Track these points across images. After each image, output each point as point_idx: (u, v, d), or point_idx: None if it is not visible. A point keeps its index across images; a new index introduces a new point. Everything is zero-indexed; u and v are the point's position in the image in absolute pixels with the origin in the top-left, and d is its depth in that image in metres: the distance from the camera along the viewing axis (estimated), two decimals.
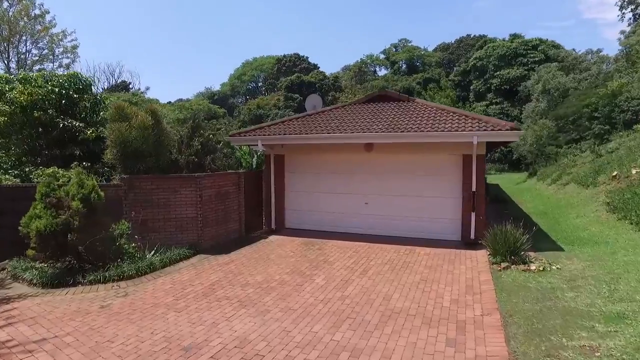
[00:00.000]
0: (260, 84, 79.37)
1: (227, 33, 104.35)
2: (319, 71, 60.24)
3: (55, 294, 6.70)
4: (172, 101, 59.58)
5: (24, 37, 36.30)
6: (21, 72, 11.73)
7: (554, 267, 7.25)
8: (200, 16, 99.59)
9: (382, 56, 73.77)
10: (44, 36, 36.66)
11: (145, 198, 8.95)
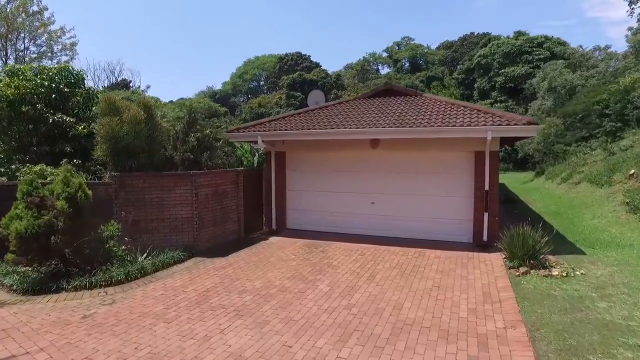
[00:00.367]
0: (262, 82, 78.89)
1: (228, 32, 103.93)
2: (321, 69, 59.63)
3: (36, 302, 6.16)
4: (173, 100, 59.09)
5: (22, 34, 35.86)
6: (9, 65, 11.13)
7: (578, 273, 6.67)
8: (201, 15, 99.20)
9: (384, 54, 73.12)
10: (42, 33, 36.20)
11: (138, 197, 8.41)
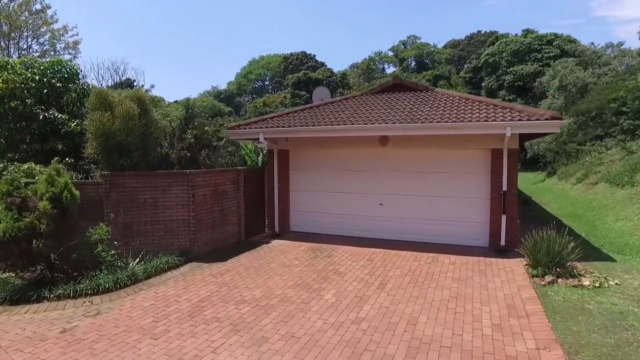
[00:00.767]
0: (267, 82, 78.44)
1: (233, 31, 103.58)
2: (327, 68, 59.08)
3: (12, 313, 5.61)
4: (178, 100, 58.75)
5: (25, 32, 35.58)
6: (4, 58, 10.64)
7: (612, 283, 6.02)
8: (206, 15, 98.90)
9: (390, 53, 72.49)
10: (45, 32, 35.93)
11: (130, 198, 7.85)
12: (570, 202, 14.98)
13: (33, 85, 9.97)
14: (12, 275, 6.84)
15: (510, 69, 46.09)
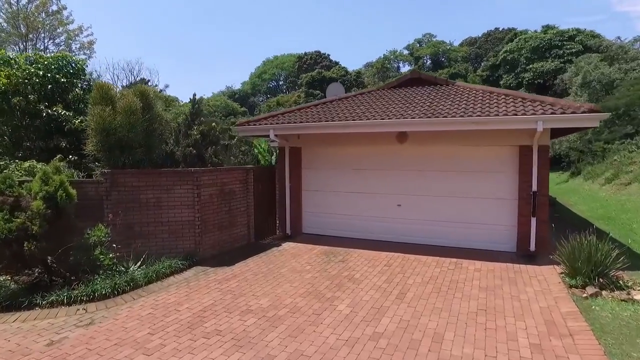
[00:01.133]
0: (281, 82, 78.23)
1: (248, 32, 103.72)
2: (341, 67, 58.45)
3: (0, 321, 5.18)
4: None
5: (42, 33, 35.94)
6: (6, 52, 10.38)
7: None
8: (220, 15, 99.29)
9: (405, 52, 71.42)
10: (61, 33, 36.24)
11: (132, 197, 7.41)
12: (600, 204, 14.07)
13: (37, 81, 9.65)
14: (9, 278, 6.48)
15: (530, 66, 44.76)
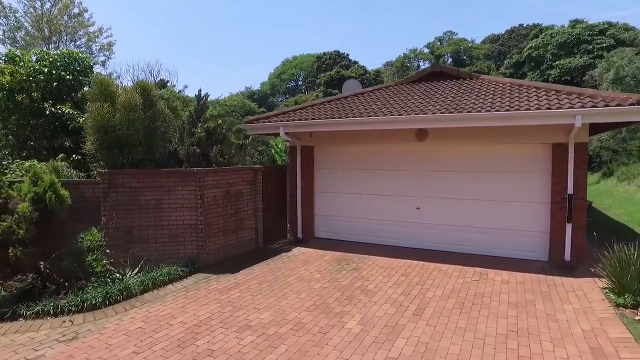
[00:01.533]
0: (300, 82, 77.97)
1: (266, 32, 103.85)
2: (360, 66, 57.69)
3: None
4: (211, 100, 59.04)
5: (64, 36, 36.51)
6: (10, 49, 10.16)
7: None
8: (239, 15, 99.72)
9: (426, 50, 70.03)
10: (82, 35, 36.74)
11: (130, 199, 6.98)
12: (638, 207, 13.00)
13: (42, 78, 9.37)
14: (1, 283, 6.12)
15: (556, 62, 43.07)
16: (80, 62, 10.28)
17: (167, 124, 8.00)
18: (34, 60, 9.82)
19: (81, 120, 9.26)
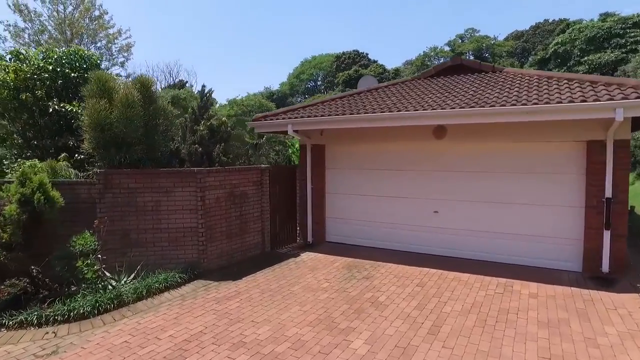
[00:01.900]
0: (319, 82, 77.60)
1: (286, 31, 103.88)
2: (379, 64, 56.90)
3: None
4: (228, 98, 59.19)
5: (85, 38, 37.09)
6: (17, 47, 10.01)
7: None
8: (259, 15, 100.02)
9: (447, 48, 68.55)
10: (103, 37, 37.24)
11: (128, 200, 6.60)
12: None
13: (46, 76, 9.16)
14: None
15: (585, 58, 41.27)
16: (87, 59, 10.05)
17: (169, 121, 7.62)
18: (40, 58, 9.63)
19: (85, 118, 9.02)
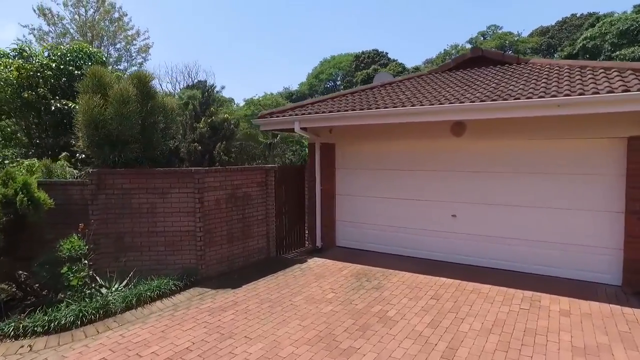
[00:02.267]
0: (338, 82, 77.08)
1: (305, 31, 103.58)
2: (398, 63, 55.82)
3: None
4: (245, 98, 59.20)
5: (105, 40, 37.63)
6: (20, 44, 9.85)
7: None
8: (278, 16, 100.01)
9: (468, 46, 66.92)
10: (122, 39, 37.73)
11: (122, 202, 6.23)
12: None
13: (50, 73, 8.94)
14: None
15: (616, 53, 39.18)
16: (92, 56, 9.81)
17: (169, 118, 7.24)
18: (45, 55, 9.44)
19: None
